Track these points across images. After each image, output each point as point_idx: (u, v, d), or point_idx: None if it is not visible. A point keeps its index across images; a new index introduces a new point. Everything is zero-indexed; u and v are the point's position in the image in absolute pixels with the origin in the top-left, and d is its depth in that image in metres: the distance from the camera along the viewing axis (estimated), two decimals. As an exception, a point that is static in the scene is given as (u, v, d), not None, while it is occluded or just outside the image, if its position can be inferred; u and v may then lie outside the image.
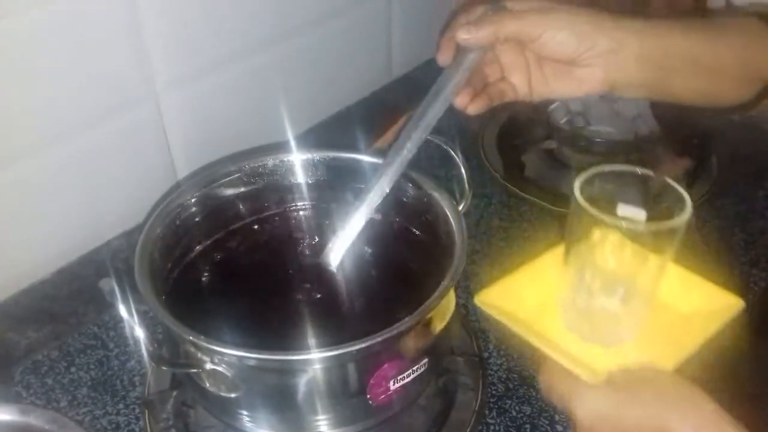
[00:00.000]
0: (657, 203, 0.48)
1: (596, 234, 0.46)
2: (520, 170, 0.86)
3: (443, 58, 0.56)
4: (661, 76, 0.56)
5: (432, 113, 0.54)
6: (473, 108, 0.55)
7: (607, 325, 0.49)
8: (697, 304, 0.50)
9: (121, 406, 0.61)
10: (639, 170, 0.49)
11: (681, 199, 0.47)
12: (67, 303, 0.71)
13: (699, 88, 0.57)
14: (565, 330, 0.50)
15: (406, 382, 0.49)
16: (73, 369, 0.64)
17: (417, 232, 0.60)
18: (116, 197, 0.77)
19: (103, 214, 0.77)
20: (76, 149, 0.71)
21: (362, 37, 0.98)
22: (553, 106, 0.89)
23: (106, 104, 0.71)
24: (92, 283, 0.69)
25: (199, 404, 0.58)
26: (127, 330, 0.46)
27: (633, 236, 0.45)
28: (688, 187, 0.81)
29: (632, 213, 0.47)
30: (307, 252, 0.60)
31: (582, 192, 0.46)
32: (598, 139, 0.83)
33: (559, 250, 0.51)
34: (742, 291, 0.50)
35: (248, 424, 0.52)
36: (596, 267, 0.48)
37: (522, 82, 0.57)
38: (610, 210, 0.46)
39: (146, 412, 0.58)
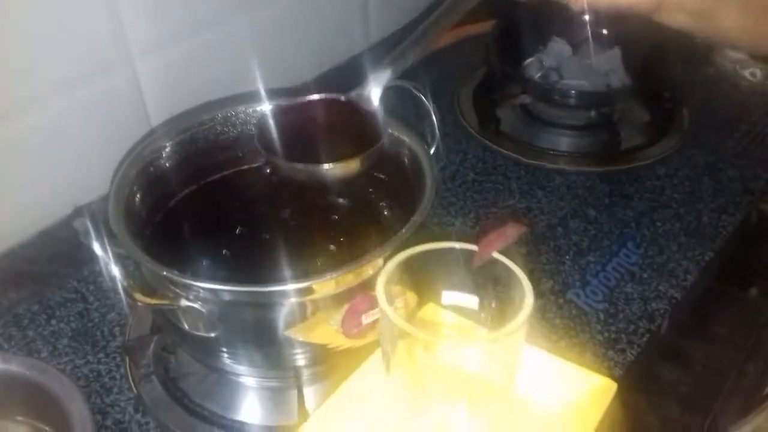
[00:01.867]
0: (491, 281, 0.41)
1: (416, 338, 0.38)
2: (496, 125, 0.87)
3: None
4: (711, 6, 0.54)
5: None
6: None
7: None
8: (568, 396, 0.43)
9: (101, 355, 0.61)
10: (459, 246, 0.41)
11: (518, 283, 0.39)
12: (48, 265, 0.72)
13: (747, 25, 0.56)
14: None
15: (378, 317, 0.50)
16: (53, 321, 0.65)
17: (387, 178, 0.61)
18: (95, 161, 0.77)
19: (82, 178, 0.77)
20: (53, 114, 0.71)
21: (339, 2, 0.99)
22: (527, 62, 0.90)
23: (83, 69, 0.71)
24: (72, 245, 0.70)
25: (179, 348, 0.59)
26: (103, 268, 0.46)
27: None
28: (659, 138, 0.84)
29: (461, 300, 0.42)
30: (281, 197, 0.61)
31: (394, 280, 0.39)
32: (572, 91, 0.84)
33: (371, 363, 0.45)
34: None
35: (228, 363, 0.53)
36: (428, 374, 0.40)
37: None
38: (432, 295, 0.41)
39: (126, 357, 0.59)
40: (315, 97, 0.59)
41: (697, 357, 0.66)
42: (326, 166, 0.53)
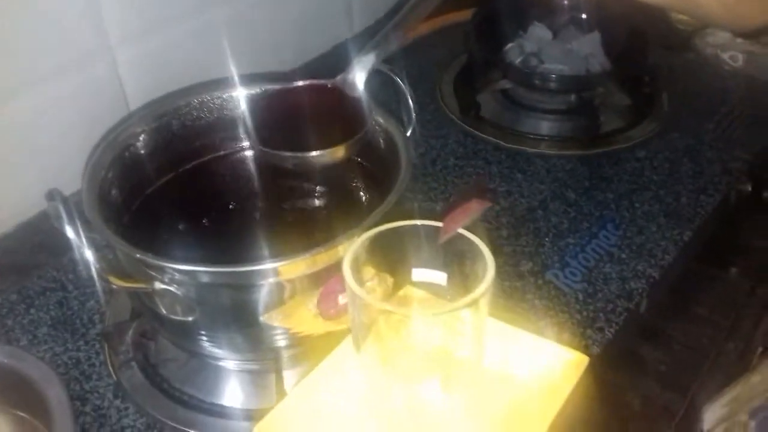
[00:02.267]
0: (457, 256, 0.41)
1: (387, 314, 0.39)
2: (476, 111, 0.87)
3: None
4: None
5: None
6: None
7: (436, 419, 0.42)
8: (539, 370, 0.44)
9: (81, 342, 0.61)
10: (423, 223, 0.42)
11: (482, 256, 0.39)
12: (30, 256, 0.71)
13: (727, 2, 0.55)
14: None
15: (355, 297, 0.50)
16: (32, 310, 0.64)
17: (364, 161, 0.61)
18: (75, 152, 0.77)
19: (62, 169, 0.76)
20: (32, 105, 0.71)
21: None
22: (507, 46, 0.90)
23: (61, 60, 0.71)
24: (53, 236, 0.69)
25: (159, 334, 0.59)
26: (75, 252, 0.46)
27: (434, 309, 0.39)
28: (639, 122, 0.85)
29: (430, 277, 0.42)
30: (258, 182, 0.61)
31: (360, 260, 0.39)
32: (552, 76, 0.84)
33: (347, 344, 0.45)
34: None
35: (207, 347, 0.53)
36: (398, 350, 0.40)
37: None
38: (403, 271, 0.41)
39: (105, 344, 0.59)
40: (300, 83, 0.59)
41: (677, 336, 0.67)
42: (313, 153, 0.53)
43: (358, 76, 0.56)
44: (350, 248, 0.41)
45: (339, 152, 0.54)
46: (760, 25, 0.57)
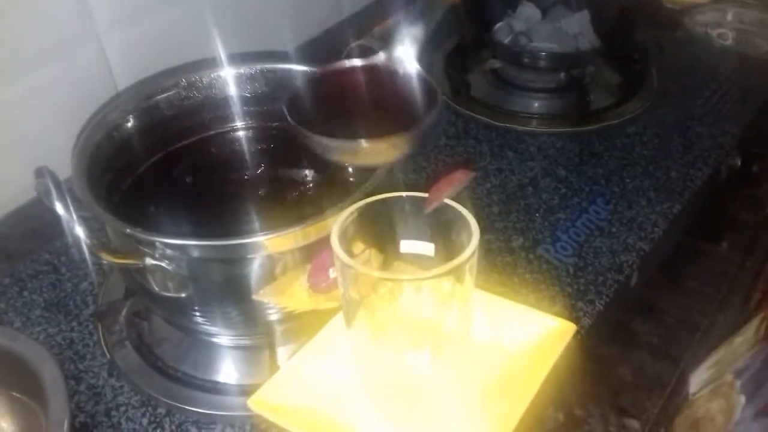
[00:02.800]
0: (444, 227, 0.42)
1: (376, 286, 0.39)
2: (467, 91, 0.87)
3: None
4: None
5: None
6: None
7: (426, 389, 0.43)
8: (527, 339, 0.44)
9: (74, 323, 0.61)
10: (409, 194, 0.42)
11: (467, 224, 0.40)
12: (21, 242, 0.71)
13: None
14: (378, 416, 0.42)
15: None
16: (25, 293, 0.64)
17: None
18: (65, 138, 0.76)
19: (52, 155, 0.76)
20: (21, 91, 0.71)
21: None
22: (497, 26, 0.90)
23: (49, 45, 0.71)
24: (45, 222, 0.70)
25: (152, 314, 0.59)
26: (66, 228, 0.46)
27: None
28: (629, 99, 0.85)
29: (418, 248, 0.42)
30: (249, 161, 0.61)
31: (349, 234, 0.40)
32: (542, 54, 0.84)
33: (339, 319, 0.45)
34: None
35: (201, 323, 0.53)
36: (389, 323, 0.41)
37: None
38: (393, 248, 0.41)
39: (99, 324, 0.59)
40: (346, 63, 0.53)
41: (668, 309, 0.67)
42: (368, 142, 0.46)
43: (410, 51, 0.49)
44: (338, 220, 0.41)
45: (405, 139, 0.46)
46: None
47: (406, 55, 0.49)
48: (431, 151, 0.79)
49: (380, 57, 0.50)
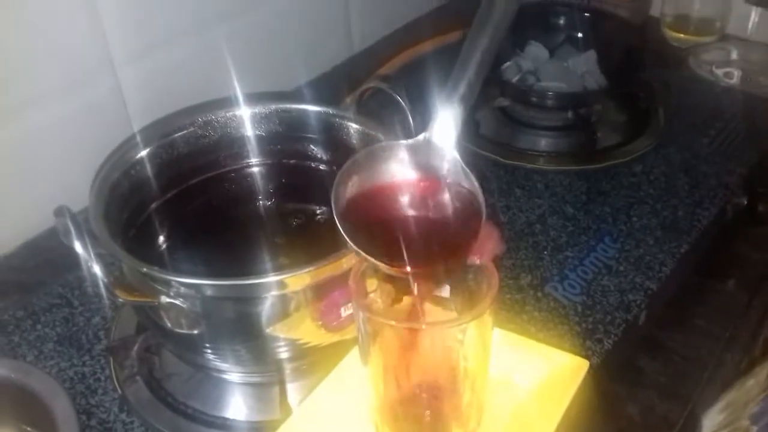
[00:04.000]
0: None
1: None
2: (475, 128, 0.88)
3: None
4: None
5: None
6: None
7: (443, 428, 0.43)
8: (539, 375, 0.44)
9: (86, 357, 0.62)
10: None
11: (486, 270, 0.40)
12: (34, 274, 0.72)
13: None
14: None
15: (357, 309, 0.51)
16: (38, 326, 0.65)
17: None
18: (80, 171, 0.78)
19: (67, 188, 0.77)
20: (37, 124, 0.72)
21: (320, 10, 1.00)
22: (505, 65, 0.91)
23: (65, 79, 0.73)
24: (58, 254, 0.71)
25: (164, 348, 0.60)
26: (83, 267, 0.47)
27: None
28: (635, 137, 0.86)
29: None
30: (262, 200, 0.62)
31: (367, 274, 0.41)
32: (549, 93, 0.86)
33: (352, 357, 0.46)
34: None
35: (212, 360, 0.54)
36: (405, 363, 0.41)
37: None
38: (406, 284, 0.40)
39: (111, 358, 0.60)
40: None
41: (676, 348, 0.68)
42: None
43: (449, 136, 0.43)
44: (357, 265, 0.41)
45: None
46: None
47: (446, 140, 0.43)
48: (440, 188, 0.80)
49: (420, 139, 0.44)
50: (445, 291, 0.43)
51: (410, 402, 0.43)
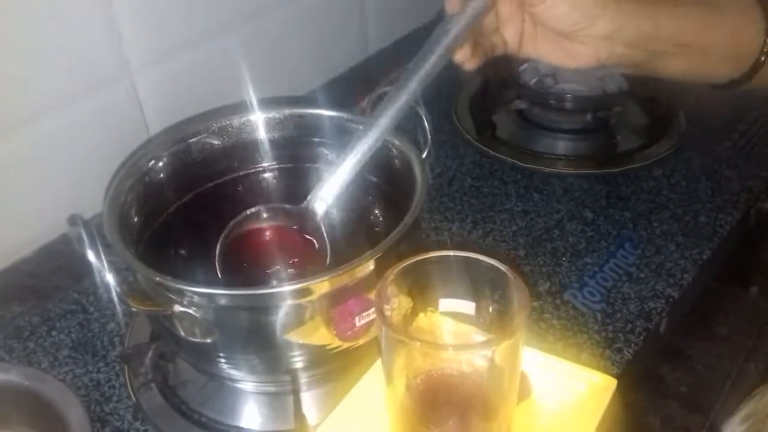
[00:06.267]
0: (487, 286, 0.41)
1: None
2: (492, 131, 0.87)
3: (452, 6, 0.51)
4: (651, 58, 0.55)
5: (432, 62, 0.51)
6: (472, 63, 0.54)
7: None
8: (568, 396, 0.43)
9: (101, 364, 0.62)
10: (453, 254, 0.41)
11: (515, 287, 0.39)
12: (50, 279, 0.72)
13: (688, 67, 0.57)
14: None
15: (372, 319, 0.51)
16: (54, 333, 0.65)
17: (381, 182, 0.61)
18: (95, 176, 0.78)
19: (82, 193, 0.78)
20: (52, 129, 0.72)
21: (336, 13, 1.00)
22: (522, 67, 0.90)
23: (81, 84, 0.73)
24: (73, 259, 0.70)
25: (178, 356, 0.59)
26: (96, 275, 0.46)
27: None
28: (656, 141, 0.84)
29: (458, 307, 0.41)
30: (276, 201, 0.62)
31: (391, 291, 0.39)
32: (568, 96, 0.84)
33: (372, 374, 0.45)
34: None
35: (225, 368, 0.53)
36: (429, 381, 0.39)
37: (513, 37, 0.55)
38: (433, 303, 0.40)
39: (125, 366, 0.60)
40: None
41: (698, 357, 0.66)
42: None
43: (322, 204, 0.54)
44: (381, 283, 0.40)
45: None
46: (723, 80, 0.59)
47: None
48: (456, 192, 0.79)
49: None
50: (470, 308, 0.42)
51: (437, 425, 0.41)
